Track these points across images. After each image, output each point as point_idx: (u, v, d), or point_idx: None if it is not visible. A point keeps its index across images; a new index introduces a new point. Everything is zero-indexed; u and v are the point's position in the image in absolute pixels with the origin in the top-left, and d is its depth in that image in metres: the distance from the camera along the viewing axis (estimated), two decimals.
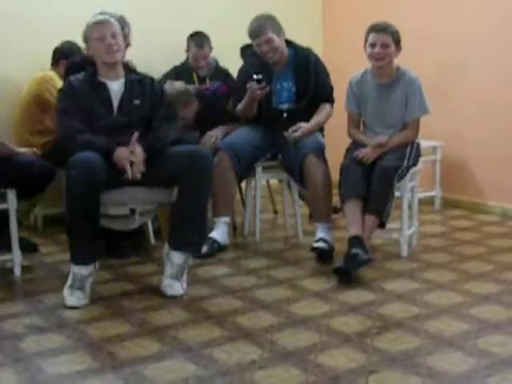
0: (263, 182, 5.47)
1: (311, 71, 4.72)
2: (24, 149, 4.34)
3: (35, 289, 3.95)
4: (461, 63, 5.90)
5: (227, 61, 5.56)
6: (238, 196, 5.44)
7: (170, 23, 6.11)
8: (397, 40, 4.33)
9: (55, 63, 5.34)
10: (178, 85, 5.02)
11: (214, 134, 4.98)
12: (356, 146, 4.45)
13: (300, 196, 5.05)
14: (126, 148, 3.72)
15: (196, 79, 5.48)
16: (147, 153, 3.78)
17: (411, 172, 4.44)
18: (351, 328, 3.26)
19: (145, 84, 4.03)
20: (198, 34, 5.59)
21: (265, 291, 3.84)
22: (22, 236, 4.45)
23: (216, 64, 5.67)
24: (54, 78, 5.15)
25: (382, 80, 4.44)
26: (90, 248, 3.68)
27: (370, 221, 4.16)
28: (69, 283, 3.66)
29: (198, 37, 5.57)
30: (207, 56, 5.55)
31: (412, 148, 4.39)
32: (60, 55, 5.31)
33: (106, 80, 3.94)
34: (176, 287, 3.76)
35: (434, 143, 5.93)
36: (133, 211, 3.90)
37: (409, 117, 4.41)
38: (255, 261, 4.49)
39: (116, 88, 3.95)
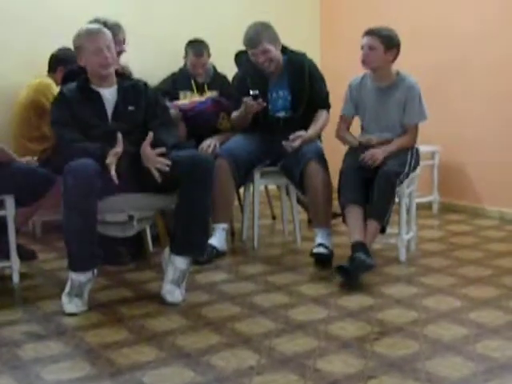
0: (261, 188, 5.47)
1: (305, 78, 4.72)
2: (24, 158, 4.33)
3: (33, 296, 3.94)
4: (459, 66, 5.90)
5: (226, 67, 5.55)
6: (237, 202, 5.45)
7: (169, 29, 6.11)
8: (388, 43, 4.30)
9: (52, 70, 5.33)
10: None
11: (211, 143, 4.97)
12: (355, 151, 4.44)
13: (298, 201, 5.05)
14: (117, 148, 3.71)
15: (194, 86, 5.48)
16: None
17: (410, 177, 4.44)
18: (349, 333, 3.26)
19: (138, 89, 4.00)
20: (197, 42, 5.58)
21: (263, 297, 3.84)
22: (20, 243, 4.44)
23: (214, 70, 5.67)
24: (51, 85, 5.14)
25: (381, 84, 4.44)
26: (88, 255, 3.67)
27: (373, 226, 4.16)
28: (67, 290, 3.65)
29: (197, 44, 5.55)
30: (205, 63, 5.54)
31: (412, 154, 4.40)
32: (57, 62, 5.30)
33: (99, 88, 3.92)
34: (176, 294, 3.75)
35: (432, 148, 5.93)
36: (131, 218, 3.90)
37: (408, 122, 4.41)
38: (253, 267, 4.48)
39: (109, 96, 3.93)
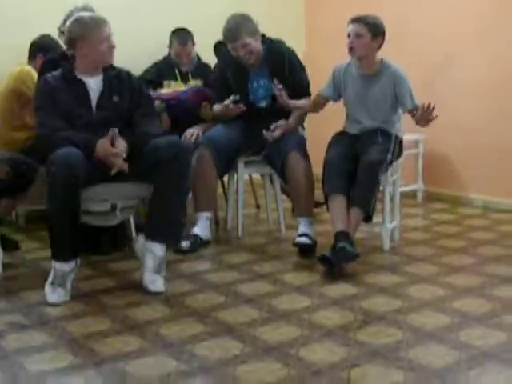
0: (246, 177, 5.47)
1: (286, 67, 4.71)
2: None
3: (16, 286, 3.92)
4: (445, 59, 5.91)
5: (210, 56, 5.53)
6: (221, 191, 5.44)
7: (152, 20, 6.07)
8: (374, 31, 4.28)
9: (32, 57, 5.29)
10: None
11: (194, 131, 4.96)
12: (338, 140, 4.44)
13: (282, 190, 5.04)
14: (107, 140, 3.70)
15: (178, 75, 5.46)
16: (129, 148, 3.76)
17: (393, 165, 4.44)
18: (333, 322, 3.26)
19: (122, 79, 3.98)
20: (181, 31, 5.56)
21: (247, 286, 3.84)
22: (4, 233, 4.42)
23: (198, 59, 5.65)
24: (32, 73, 5.10)
25: (366, 71, 4.42)
26: (71, 244, 3.66)
27: (355, 214, 4.14)
28: (50, 280, 3.64)
29: (181, 33, 5.53)
30: (190, 53, 5.52)
31: (396, 142, 4.38)
32: (37, 49, 5.26)
33: (83, 77, 3.89)
34: (158, 283, 3.74)
35: (416, 136, 5.93)
36: (114, 207, 3.88)
37: (409, 107, 4.36)
38: (237, 256, 4.48)
39: (94, 85, 3.90)
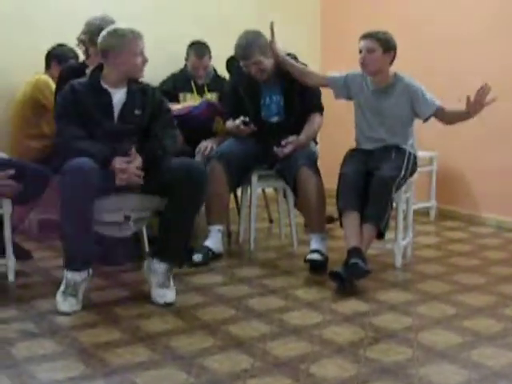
0: (259, 191, 5.47)
1: (297, 84, 4.69)
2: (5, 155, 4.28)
3: (28, 294, 3.93)
4: (458, 74, 5.90)
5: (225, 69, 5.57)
6: (234, 204, 5.45)
7: (169, 30, 6.10)
8: (386, 46, 4.30)
9: (48, 66, 5.35)
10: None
11: (208, 145, 4.98)
12: (353, 156, 4.44)
13: (295, 205, 5.04)
14: (123, 158, 3.73)
15: (194, 87, 5.48)
16: (147, 160, 3.79)
17: (407, 182, 4.44)
18: (344, 338, 3.25)
19: (146, 94, 4.00)
20: (199, 44, 5.58)
21: (258, 300, 3.84)
22: (17, 242, 4.43)
23: (214, 72, 5.67)
24: (49, 82, 5.15)
25: (379, 85, 4.42)
26: (84, 254, 3.67)
27: (368, 230, 4.14)
28: (62, 289, 3.65)
29: (199, 46, 5.56)
30: (207, 66, 5.55)
31: (409, 158, 4.37)
32: (51, 58, 5.32)
33: (109, 87, 3.92)
34: (168, 295, 3.75)
35: (430, 154, 5.93)
36: (127, 218, 3.90)
37: (425, 116, 4.38)
38: (249, 269, 4.48)
39: (118, 96, 3.92)
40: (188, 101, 5.37)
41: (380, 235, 4.23)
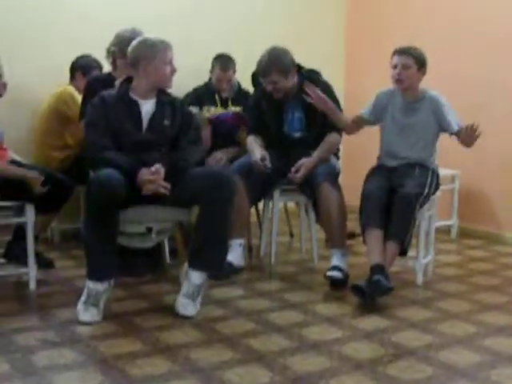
0: (280, 205, 5.48)
1: None
2: (31, 172, 4.31)
3: (49, 303, 3.97)
4: (482, 96, 5.89)
5: (250, 84, 5.59)
6: (256, 218, 5.46)
7: (194, 43, 6.13)
8: (420, 63, 4.33)
9: (72, 77, 5.40)
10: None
11: (220, 157, 5.01)
12: (376, 173, 4.44)
13: (317, 220, 5.04)
14: (149, 170, 3.75)
15: (218, 100, 5.51)
16: (171, 171, 3.81)
17: (430, 200, 4.43)
18: (363, 355, 3.25)
19: (175, 106, 4.04)
20: (224, 57, 5.62)
21: (278, 314, 3.84)
22: (39, 251, 4.47)
23: (238, 86, 5.70)
24: (74, 93, 5.20)
25: (408, 100, 4.43)
26: (106, 265, 3.70)
27: (392, 248, 4.14)
28: (83, 299, 3.67)
29: (224, 59, 5.60)
30: (231, 79, 5.58)
31: (433, 176, 4.38)
32: (75, 69, 5.38)
33: (139, 98, 3.96)
34: (189, 308, 3.76)
35: (453, 172, 5.92)
36: (150, 229, 3.92)
37: (453, 129, 4.34)
38: (269, 283, 4.49)
39: (148, 107, 3.96)
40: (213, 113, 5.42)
41: (402, 252, 4.22)
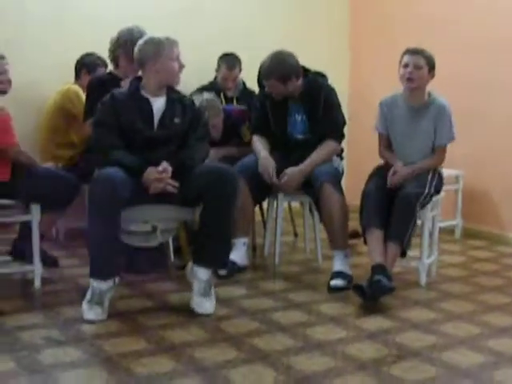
0: (285, 205, 5.48)
1: (321, 104, 4.69)
2: (47, 163, 4.38)
3: (54, 301, 3.98)
4: (487, 96, 5.90)
5: (255, 83, 5.58)
6: (260, 218, 5.47)
7: (198, 43, 6.14)
8: (431, 65, 4.36)
9: (78, 75, 5.42)
10: (208, 95, 5.07)
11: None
12: (378, 173, 4.45)
13: (321, 220, 5.05)
14: (156, 169, 3.77)
15: (224, 99, 5.53)
16: (177, 169, 3.84)
17: (433, 200, 4.44)
18: (367, 355, 3.26)
19: (185, 104, 4.07)
20: (230, 56, 5.66)
21: (282, 314, 3.85)
22: (44, 249, 4.48)
23: (243, 85, 5.72)
24: (79, 92, 5.22)
25: (413, 103, 4.44)
26: (110, 263, 3.71)
27: (393, 249, 4.16)
28: (88, 297, 3.69)
29: (230, 58, 5.63)
30: (237, 77, 5.61)
31: (433, 175, 4.38)
32: (81, 67, 5.39)
33: (150, 96, 3.98)
34: (206, 305, 3.80)
35: (457, 172, 5.92)
36: (154, 228, 3.93)
37: (438, 143, 4.41)
38: (273, 283, 4.50)
39: (158, 104, 3.98)
40: None
41: (402, 253, 4.23)
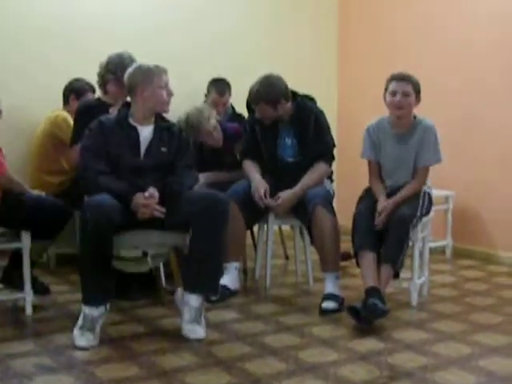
0: (275, 228, 5.49)
1: (310, 126, 4.73)
2: (34, 190, 4.39)
3: (45, 328, 3.96)
4: (475, 115, 5.94)
5: (243, 106, 5.61)
6: (251, 241, 5.47)
7: (190, 69, 6.17)
8: (417, 90, 4.36)
9: (66, 101, 5.43)
10: (198, 105, 5.14)
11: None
12: (368, 195, 4.47)
13: (312, 243, 5.06)
14: (143, 195, 3.78)
15: None
16: (166, 196, 3.85)
17: (423, 221, 4.45)
18: (359, 377, 3.25)
19: (173, 132, 4.08)
20: (220, 81, 5.69)
21: (274, 337, 3.84)
22: (35, 276, 4.47)
23: (232, 109, 5.74)
24: (68, 119, 5.22)
25: (400, 130, 4.44)
26: (102, 289, 3.70)
27: (386, 271, 4.16)
28: (79, 324, 3.68)
29: (220, 83, 5.67)
30: (226, 102, 5.64)
31: (424, 197, 4.40)
32: (69, 92, 5.41)
33: (137, 124, 4.00)
34: (198, 331, 3.79)
35: (446, 192, 5.95)
36: (145, 254, 3.94)
37: (421, 164, 4.41)
38: (265, 306, 4.49)
39: (146, 133, 4.00)
40: None
41: (395, 275, 4.24)
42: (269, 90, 4.65)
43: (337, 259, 4.61)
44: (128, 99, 4.10)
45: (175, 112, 4.66)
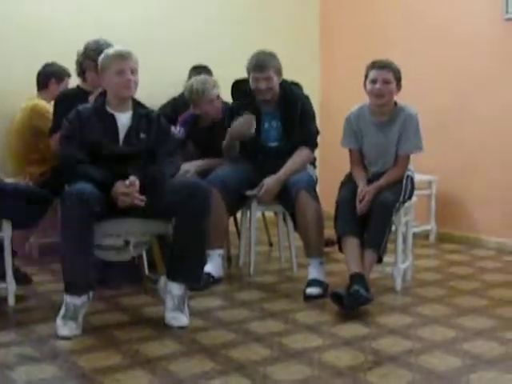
0: (258, 214, 5.48)
1: (297, 112, 4.73)
2: (13, 179, 4.34)
3: (28, 318, 3.94)
4: (459, 102, 5.94)
5: (227, 94, 5.57)
6: (234, 228, 5.46)
7: (171, 57, 6.14)
8: (398, 78, 4.33)
9: (43, 86, 5.36)
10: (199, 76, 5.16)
11: (188, 168, 4.96)
12: (350, 180, 4.45)
13: (295, 229, 5.05)
14: (124, 183, 3.75)
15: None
16: (146, 183, 3.81)
17: (406, 206, 4.45)
18: (344, 362, 3.25)
19: (151, 119, 4.04)
20: (201, 68, 5.64)
21: (258, 324, 3.83)
22: (17, 266, 4.44)
23: None
24: (46, 107, 5.17)
25: (381, 118, 4.41)
26: (84, 278, 3.67)
27: (370, 256, 4.16)
28: (62, 313, 3.65)
29: (200, 70, 5.62)
30: None
31: (407, 182, 4.39)
32: (47, 77, 5.34)
33: (115, 112, 3.96)
34: (181, 318, 3.77)
35: (429, 177, 5.96)
36: (127, 242, 3.91)
37: (402, 151, 4.39)
38: (249, 293, 4.48)
39: (124, 120, 3.97)
40: None
41: (378, 259, 4.23)
42: (275, 59, 4.70)
43: (321, 245, 4.60)
44: None
45: (157, 100, 4.63)
